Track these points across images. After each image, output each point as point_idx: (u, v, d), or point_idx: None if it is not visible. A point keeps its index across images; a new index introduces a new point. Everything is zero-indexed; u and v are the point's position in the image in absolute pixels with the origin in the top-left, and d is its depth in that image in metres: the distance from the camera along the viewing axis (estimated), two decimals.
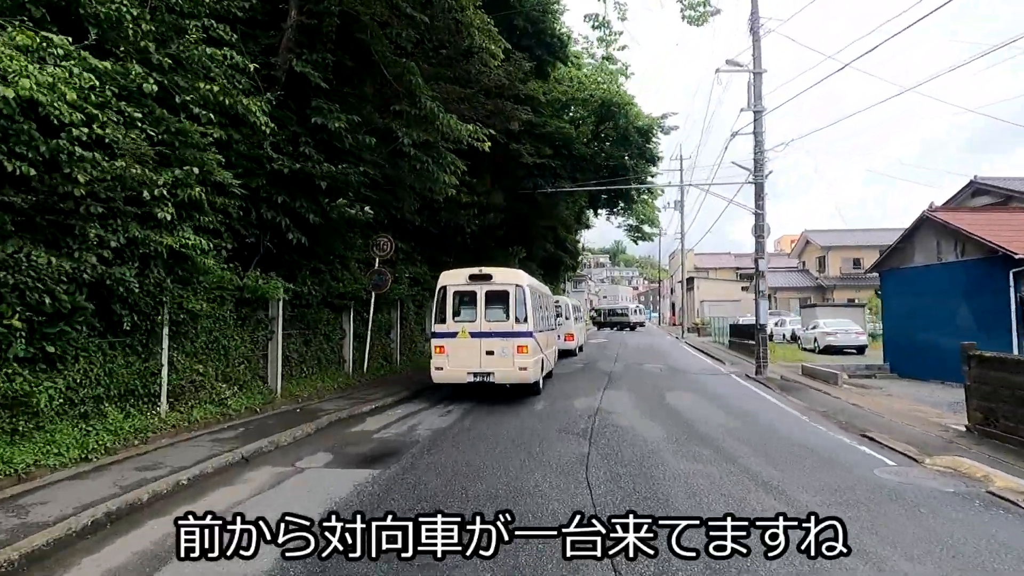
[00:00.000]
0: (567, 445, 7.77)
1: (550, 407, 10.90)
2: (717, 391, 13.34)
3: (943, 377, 14.23)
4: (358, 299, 13.38)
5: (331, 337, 12.76)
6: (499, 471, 6.44)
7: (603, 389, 13.46)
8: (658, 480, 6.13)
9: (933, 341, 14.44)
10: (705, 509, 5.18)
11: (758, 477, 6.28)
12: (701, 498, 5.56)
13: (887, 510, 5.28)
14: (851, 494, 5.72)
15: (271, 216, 10.03)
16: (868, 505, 5.39)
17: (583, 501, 5.44)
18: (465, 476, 6.28)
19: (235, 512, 3.98)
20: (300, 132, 10.56)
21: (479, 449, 7.54)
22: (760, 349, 16.25)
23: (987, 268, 13.12)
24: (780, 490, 5.82)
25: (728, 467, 6.64)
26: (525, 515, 4.97)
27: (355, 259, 13.64)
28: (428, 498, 5.56)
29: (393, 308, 16.17)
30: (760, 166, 16.66)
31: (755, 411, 10.66)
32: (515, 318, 10.94)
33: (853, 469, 6.75)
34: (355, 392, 12.17)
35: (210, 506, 5.08)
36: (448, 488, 5.89)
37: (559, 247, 36.16)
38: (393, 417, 10.00)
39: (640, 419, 9.66)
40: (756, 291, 16.51)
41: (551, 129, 17.54)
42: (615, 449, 7.50)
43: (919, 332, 14.95)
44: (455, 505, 5.31)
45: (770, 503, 5.40)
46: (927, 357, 14.67)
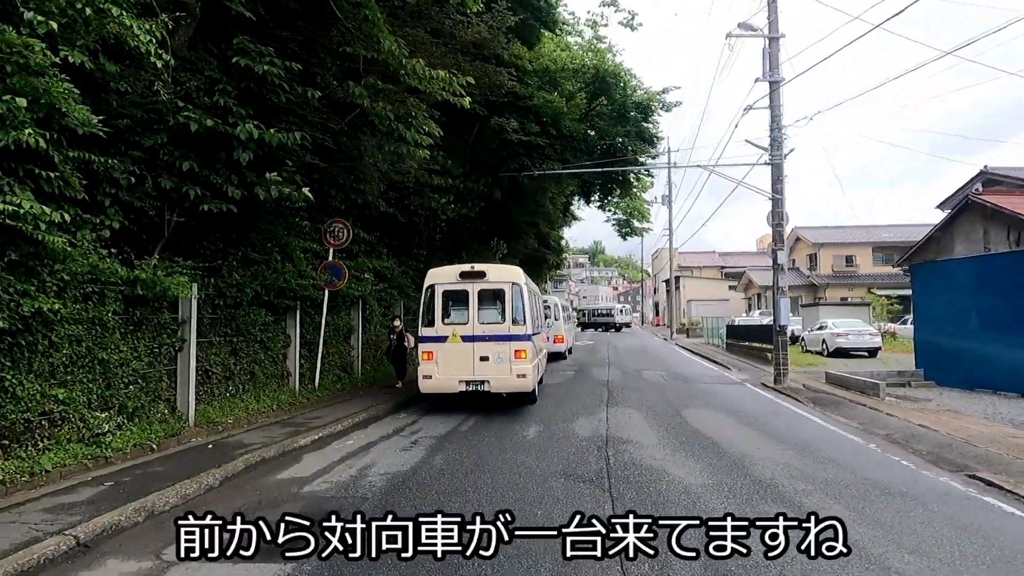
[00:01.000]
0: (579, 501, 5.42)
1: (546, 434, 8.56)
2: (742, 407, 11.13)
3: (994, 387, 12.28)
4: (307, 298, 10.87)
5: (270, 345, 10.23)
6: (478, 571, 4.06)
7: (605, 404, 11.17)
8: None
9: (982, 345, 12.47)
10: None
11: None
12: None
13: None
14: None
15: (172, 186, 7.49)
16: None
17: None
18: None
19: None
20: (219, 78, 8.04)
21: None
22: (780, 355, 14.14)
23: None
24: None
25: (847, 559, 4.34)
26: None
27: (301, 248, 11.11)
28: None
29: (353, 308, 13.67)
30: (778, 144, 14.57)
31: (806, 438, 8.44)
32: (511, 319, 9.88)
33: (1017, 544, 4.53)
34: (300, 415, 9.67)
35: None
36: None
37: (542, 244, 33.99)
38: (341, 452, 7.55)
39: (666, 452, 7.35)
40: (775, 287, 14.40)
41: (538, 102, 15.24)
42: (652, 511, 5.17)
43: (963, 334, 12.97)
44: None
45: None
46: (975, 364, 12.69)
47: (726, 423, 9.46)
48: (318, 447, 7.81)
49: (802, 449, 7.60)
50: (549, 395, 12.56)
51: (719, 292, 49.67)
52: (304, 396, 10.98)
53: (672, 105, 17.86)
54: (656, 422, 9.43)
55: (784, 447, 7.71)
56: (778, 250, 14.42)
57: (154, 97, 7.40)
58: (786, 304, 14.23)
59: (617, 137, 16.56)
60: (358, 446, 7.90)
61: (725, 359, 21.69)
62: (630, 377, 15.96)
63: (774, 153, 14.64)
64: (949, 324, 13.59)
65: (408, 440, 8.25)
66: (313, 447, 7.79)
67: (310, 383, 11.55)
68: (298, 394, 10.85)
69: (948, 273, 13.63)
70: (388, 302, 15.34)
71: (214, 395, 8.85)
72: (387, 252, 15.18)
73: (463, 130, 17.93)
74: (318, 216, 12.28)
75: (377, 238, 14.54)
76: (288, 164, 8.71)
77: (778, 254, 14.39)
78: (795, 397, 12.33)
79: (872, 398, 11.81)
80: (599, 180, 18.92)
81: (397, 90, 9.23)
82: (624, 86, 17.28)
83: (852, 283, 39.47)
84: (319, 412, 9.94)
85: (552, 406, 11.07)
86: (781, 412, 10.70)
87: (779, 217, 14.57)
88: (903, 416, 9.81)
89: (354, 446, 7.90)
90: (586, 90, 18.08)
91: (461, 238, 21.18)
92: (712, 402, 11.69)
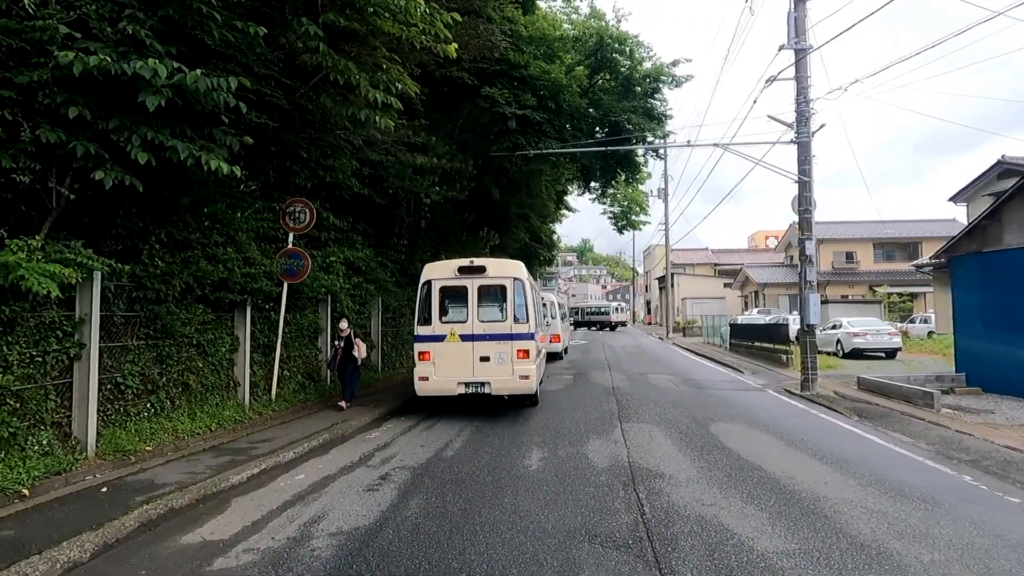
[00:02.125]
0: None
1: (553, 463, 6.77)
2: (779, 422, 9.43)
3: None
4: (259, 292, 8.97)
5: (211, 349, 8.32)
6: None
7: (618, 419, 9.42)
8: None
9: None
10: None
11: None
12: None
13: None
14: None
15: (56, 140, 5.56)
16: None
17: None
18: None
19: None
20: (128, 2, 6.11)
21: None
22: (808, 358, 12.48)
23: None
24: None
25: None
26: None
27: (251, 231, 9.20)
28: None
29: (321, 305, 11.79)
30: (805, 120, 12.90)
31: (879, 467, 6.73)
32: (514, 317, 9.36)
33: None
34: (246, 436, 7.80)
35: None
36: None
37: (533, 238, 32.24)
38: (285, 494, 5.70)
39: (714, 493, 5.59)
40: (802, 280, 12.73)
41: (535, 71, 13.42)
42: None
43: (1018, 335, 11.39)
44: None
45: None
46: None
47: (770, 445, 7.73)
48: (256, 486, 5.95)
49: (885, 486, 5.87)
50: (550, 405, 10.79)
51: (714, 290, 48.26)
52: (256, 411, 9.09)
53: (682, 80, 16.12)
54: (685, 443, 7.68)
55: (860, 483, 5.99)
56: (806, 240, 12.75)
57: (32, 22, 5.49)
58: (816, 301, 12.57)
59: (622, 114, 14.77)
60: (309, 483, 6.05)
61: (732, 360, 20.09)
62: (636, 383, 14.23)
63: (800, 130, 12.97)
64: (999, 323, 12.01)
65: (376, 473, 6.40)
66: (249, 486, 5.93)
67: (265, 394, 9.66)
68: (248, 409, 8.96)
69: (998, 266, 12.04)
70: (363, 298, 13.45)
71: (129, 415, 6.94)
72: (362, 241, 13.28)
73: (450, 109, 16.09)
74: (279, 196, 10.38)
75: (350, 224, 12.64)
76: (224, 124, 6.80)
77: (806, 244, 12.72)
78: (833, 408, 10.67)
79: (923, 409, 10.19)
80: (600, 163, 17.10)
81: (361, 30, 7.34)
82: (631, 54, 15.45)
83: (853, 280, 38.18)
84: (271, 432, 8.06)
85: (555, 421, 9.30)
86: (828, 429, 9.00)
87: (806, 202, 12.91)
88: (980, 435, 8.15)
89: (304, 483, 6.05)
90: (587, 63, 16.25)
91: (448, 228, 19.34)
92: (740, 414, 9.97)
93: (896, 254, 39.19)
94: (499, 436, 8.25)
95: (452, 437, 8.24)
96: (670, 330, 38.08)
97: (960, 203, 25.85)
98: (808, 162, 12.92)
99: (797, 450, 7.44)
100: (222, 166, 6.04)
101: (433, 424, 9.28)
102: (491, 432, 8.53)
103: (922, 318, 28.37)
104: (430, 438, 8.23)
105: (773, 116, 13.31)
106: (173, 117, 6.24)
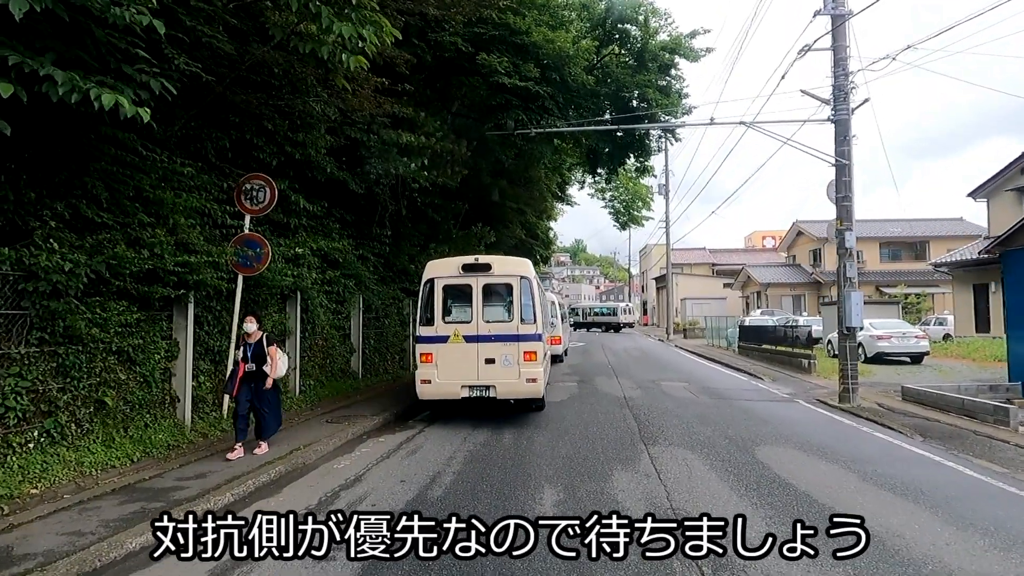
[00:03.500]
0: None
1: (572, 507, 5.14)
2: (833, 445, 7.86)
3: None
4: (205, 286, 7.28)
5: (140, 357, 6.64)
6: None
7: (641, 441, 7.83)
8: None
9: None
10: None
11: None
12: None
13: None
14: None
15: None
16: None
17: None
18: None
19: None
20: None
21: None
22: (849, 365, 10.96)
23: None
24: None
25: None
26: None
27: (195, 212, 7.48)
28: None
29: (291, 304, 10.12)
30: (843, 95, 11.38)
31: (1000, 515, 5.17)
32: (520, 317, 8.92)
33: None
34: (178, 467, 6.12)
35: None
36: None
37: (530, 235, 30.65)
38: (198, 572, 4.03)
39: (804, 567, 3.98)
40: (842, 278, 11.22)
41: (537, 38, 11.80)
42: None
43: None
44: None
45: None
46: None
47: (840, 479, 6.15)
48: (160, 554, 4.27)
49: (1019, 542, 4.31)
50: (557, 420, 9.20)
51: (713, 290, 46.85)
52: (201, 432, 7.41)
53: (701, 53, 14.51)
54: (734, 477, 6.09)
55: (992, 543, 4.41)
56: (846, 230, 11.23)
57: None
58: (859, 301, 11.04)
59: (636, 88, 13.16)
60: (240, 550, 4.38)
61: (746, 365, 18.61)
62: (650, 392, 12.65)
63: (838, 106, 11.45)
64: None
65: (335, 532, 4.74)
66: (140, 563, 4.24)
67: (215, 410, 7.98)
68: (189, 430, 7.26)
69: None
70: (341, 296, 11.77)
71: (10, 447, 5.24)
72: (339, 229, 11.59)
73: (443, 89, 14.46)
74: (234, 172, 8.69)
75: (325, 210, 10.95)
76: (139, 57, 5.11)
77: (846, 235, 11.19)
78: (885, 424, 9.16)
79: (996, 427, 8.69)
80: (609, 146, 15.50)
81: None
82: (645, 22, 13.83)
83: (861, 280, 36.66)
84: (211, 464, 6.38)
85: (567, 443, 7.68)
86: (895, 454, 7.45)
87: (845, 188, 11.38)
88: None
89: (224, 557, 4.37)
90: (595, 34, 14.63)
91: (438, 221, 17.67)
92: (783, 434, 8.41)
93: (903, 253, 37.95)
94: (500, 465, 6.63)
95: (441, 467, 6.61)
96: (670, 331, 36.60)
97: (980, 199, 24.51)
98: (847, 142, 11.40)
99: (877, 487, 5.87)
100: (123, 104, 4.36)
101: (419, 447, 7.65)
102: (489, 459, 6.91)
103: (937, 320, 27.05)
104: (413, 468, 6.59)
105: (807, 91, 11.78)
106: (63, 40, 4.56)
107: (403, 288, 15.15)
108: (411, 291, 15.56)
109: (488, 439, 8.04)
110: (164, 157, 7.06)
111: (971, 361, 18.18)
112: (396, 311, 15.02)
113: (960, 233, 36.35)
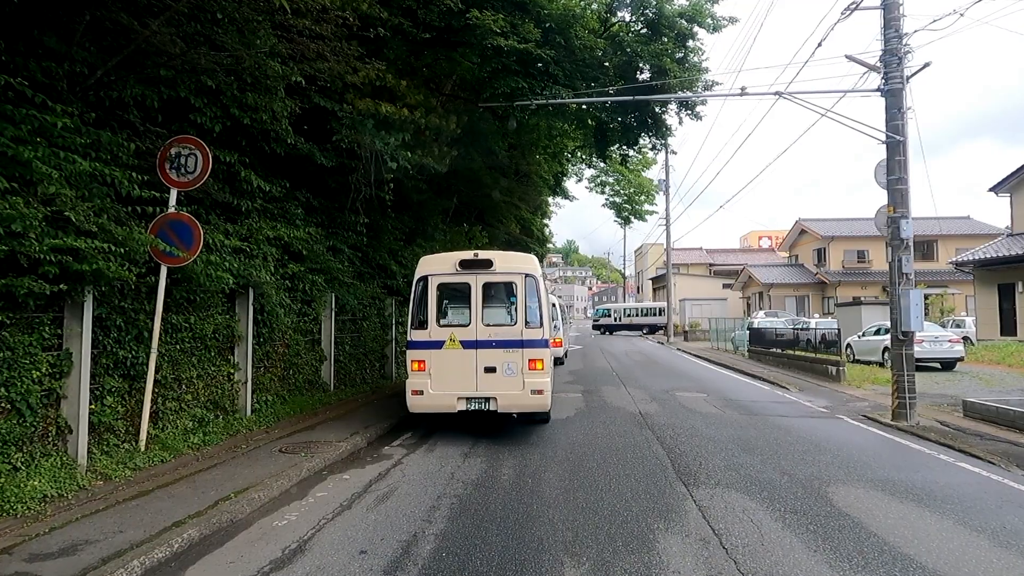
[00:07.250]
0: None
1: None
2: (920, 485, 6.20)
3: None
4: (104, 278, 5.47)
5: (4, 376, 4.82)
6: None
7: (678, 479, 6.12)
8: None
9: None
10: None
11: None
12: None
13: None
14: None
15: None
16: None
17: None
18: None
19: None
20: None
21: None
22: (905, 377, 9.33)
23: None
24: None
25: None
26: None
27: (83, 177, 5.59)
28: None
29: (240, 303, 8.31)
30: (896, 60, 9.76)
31: None
32: (524, 320, 7.93)
33: None
34: (47, 532, 4.31)
35: None
36: None
37: (524, 231, 29.02)
38: None
39: None
40: (896, 274, 9.57)
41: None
42: None
43: None
44: None
45: None
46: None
47: (965, 545, 4.47)
48: None
49: None
50: (566, 445, 7.49)
51: (712, 291, 45.37)
52: (103, 473, 5.58)
53: (722, 23, 12.79)
54: (825, 543, 4.38)
55: None
56: (901, 217, 9.58)
57: None
58: (918, 300, 9.40)
59: (651, 58, 11.47)
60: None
61: (762, 371, 17.02)
62: (667, 406, 10.97)
63: (890, 73, 9.82)
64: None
65: None
66: None
67: (127, 442, 6.16)
68: (86, 472, 5.44)
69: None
70: (308, 294, 9.96)
71: None
72: (304, 215, 9.80)
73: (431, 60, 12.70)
74: (157, 135, 6.88)
75: (286, 192, 9.14)
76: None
77: (901, 224, 9.55)
78: (964, 450, 7.53)
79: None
80: (620, 123, 13.77)
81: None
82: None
83: (865, 280, 35.51)
84: (103, 521, 4.57)
85: (583, 480, 5.96)
86: (1006, 495, 5.79)
87: (899, 168, 9.75)
88: None
89: None
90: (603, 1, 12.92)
91: (424, 213, 15.93)
92: (851, 467, 6.73)
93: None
94: (499, 520, 4.89)
95: (420, 523, 4.86)
96: (671, 334, 35.03)
97: (1003, 193, 23.15)
98: (900, 116, 9.77)
99: (1019, 556, 4.19)
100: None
101: (393, 489, 5.88)
102: (485, 509, 5.16)
103: (954, 322, 25.61)
104: (381, 525, 4.83)
105: (852, 56, 10.13)
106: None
107: (384, 285, 13.37)
108: (394, 289, 13.78)
109: (483, 475, 6.31)
110: (57, 109, 5.23)
111: (1007, 367, 16.68)
112: (376, 312, 13.22)
113: (968, 232, 35.17)
